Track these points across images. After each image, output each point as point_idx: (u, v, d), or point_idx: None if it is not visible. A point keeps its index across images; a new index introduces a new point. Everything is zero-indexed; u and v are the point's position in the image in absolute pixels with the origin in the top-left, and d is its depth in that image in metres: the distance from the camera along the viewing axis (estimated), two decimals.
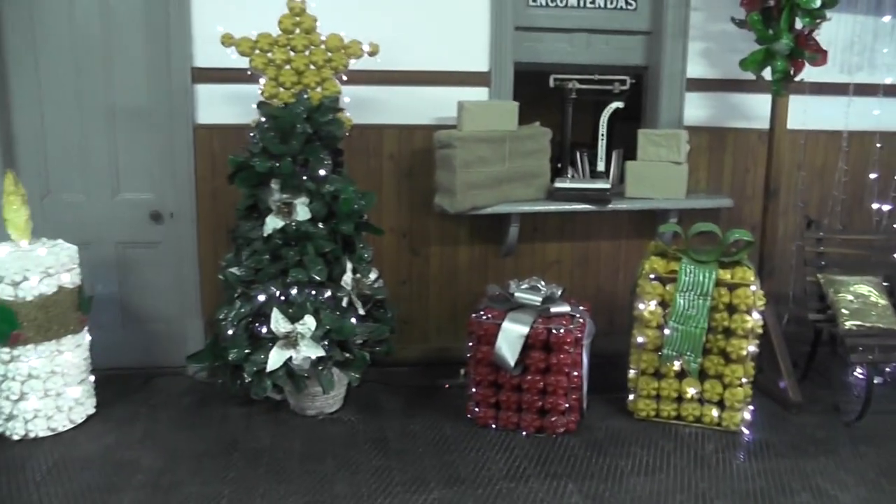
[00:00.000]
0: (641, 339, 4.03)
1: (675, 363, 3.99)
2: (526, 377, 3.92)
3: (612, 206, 4.54)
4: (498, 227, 4.71)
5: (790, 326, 4.78)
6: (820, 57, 4.26)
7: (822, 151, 5.10)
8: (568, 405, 3.91)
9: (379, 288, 4.20)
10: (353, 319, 4.00)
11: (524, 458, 3.73)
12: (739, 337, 3.91)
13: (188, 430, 4.02)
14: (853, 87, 4.94)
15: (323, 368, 3.91)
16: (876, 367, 4.29)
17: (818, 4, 4.12)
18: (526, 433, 3.95)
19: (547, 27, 4.76)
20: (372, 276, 4.17)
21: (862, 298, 4.28)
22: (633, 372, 4.12)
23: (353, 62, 4.14)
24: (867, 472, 3.65)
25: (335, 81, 4.13)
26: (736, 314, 3.90)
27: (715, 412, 4.01)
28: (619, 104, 4.66)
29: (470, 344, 4.04)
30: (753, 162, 5.00)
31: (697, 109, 4.89)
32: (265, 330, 3.90)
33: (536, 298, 4.03)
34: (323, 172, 3.92)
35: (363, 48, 4.12)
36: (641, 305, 4.02)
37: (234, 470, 3.61)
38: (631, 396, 4.14)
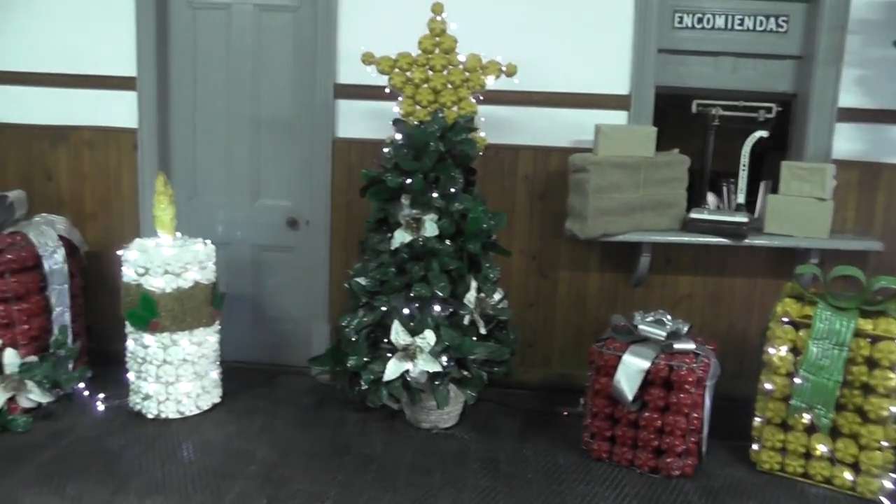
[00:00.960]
0: (769, 386, 3.85)
1: (804, 416, 3.77)
2: (644, 414, 3.84)
3: (748, 241, 4.38)
4: (629, 255, 4.64)
5: None
6: None
7: None
8: (685, 447, 3.80)
9: (503, 309, 4.24)
10: (473, 338, 4.06)
11: (634, 497, 3.66)
12: (880, 395, 3.63)
13: (304, 428, 4.22)
14: None
15: (439, 384, 3.99)
16: None
17: None
18: (640, 472, 3.87)
19: (691, 50, 4.64)
20: (496, 296, 4.22)
21: None
22: (758, 420, 3.95)
23: (490, 82, 4.22)
24: None
25: (472, 101, 4.23)
26: (877, 370, 3.63)
27: (848, 475, 3.73)
28: (763, 133, 4.46)
29: (590, 374, 4.02)
30: None
31: (848, 142, 4.60)
32: (385, 340, 4.03)
33: (661, 333, 3.96)
34: (453, 190, 4.02)
35: (501, 68, 4.19)
36: (772, 350, 3.85)
37: (343, 472, 3.76)
38: (755, 446, 3.97)
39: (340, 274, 4.67)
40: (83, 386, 4.48)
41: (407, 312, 4.03)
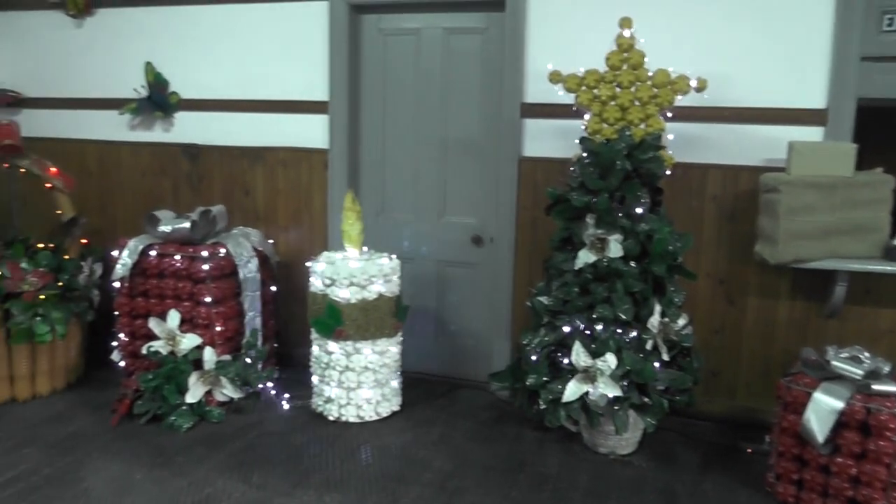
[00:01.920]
0: None
1: None
2: (836, 459, 3.55)
3: None
4: (822, 283, 4.38)
5: None
6: None
7: None
8: (886, 503, 3.50)
9: (687, 335, 4.15)
10: (655, 364, 4.00)
11: None
12: None
13: (481, 442, 4.32)
14: None
15: (619, 408, 3.97)
16: None
17: None
18: None
19: None
20: (681, 321, 4.14)
21: None
22: None
23: (679, 98, 4.15)
24: None
25: (659, 118, 4.18)
26: None
27: None
28: None
29: (777, 409, 3.83)
30: None
31: None
32: (566, 361, 4.05)
33: (857, 371, 3.67)
34: (639, 210, 3.99)
35: (690, 84, 4.10)
36: None
37: (517, 489, 3.81)
38: None
39: (523, 291, 4.76)
40: (270, 385, 4.86)
41: (589, 334, 4.04)
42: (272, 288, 5.18)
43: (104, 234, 5.66)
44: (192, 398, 4.53)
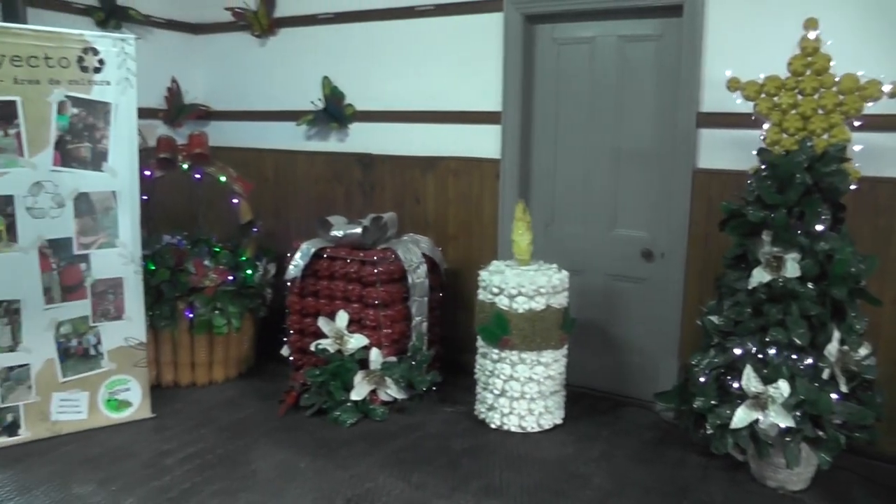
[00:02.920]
0: None
1: None
2: None
3: None
4: None
5: None
6: None
7: None
8: None
9: (869, 366, 3.88)
10: (832, 395, 3.77)
11: None
12: None
13: (643, 463, 4.26)
14: None
15: (790, 440, 3.78)
16: None
17: None
18: None
19: None
20: (862, 351, 3.88)
21: None
22: None
23: (868, 105, 3.86)
24: None
25: (845, 128, 3.91)
26: None
27: None
28: None
29: None
30: None
31: None
32: (736, 385, 3.91)
33: None
34: (819, 228, 3.81)
35: (882, 89, 3.80)
36: None
37: None
38: None
39: (693, 309, 4.62)
40: (434, 389, 5.03)
41: (761, 358, 3.88)
42: (440, 294, 5.36)
43: (278, 236, 6.09)
44: (356, 396, 4.77)
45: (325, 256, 5.09)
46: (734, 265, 4.09)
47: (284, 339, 5.36)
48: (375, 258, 4.91)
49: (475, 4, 5.24)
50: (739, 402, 3.87)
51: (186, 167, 5.41)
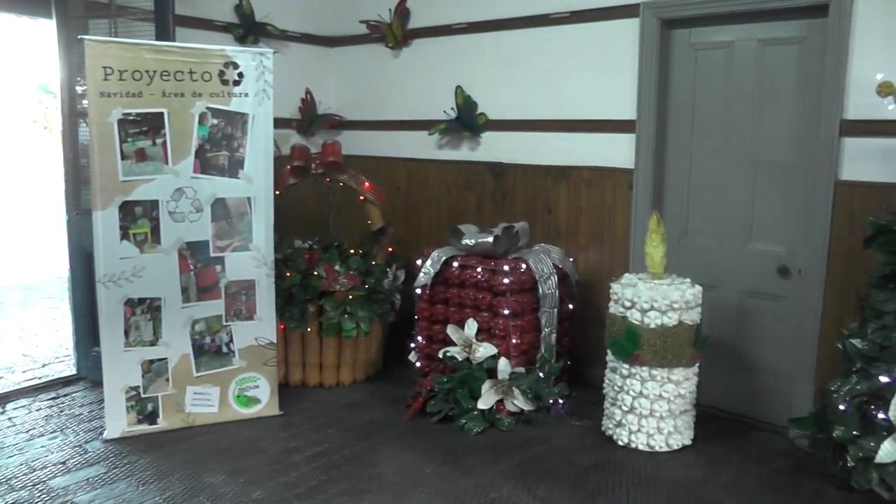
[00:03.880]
0: None
1: None
2: None
3: None
4: None
5: None
6: None
7: None
8: None
9: None
10: None
11: None
12: None
13: (776, 492, 4.09)
14: None
15: None
16: None
17: None
18: None
19: None
20: None
21: None
22: None
23: None
24: None
25: None
26: None
27: None
28: None
29: None
30: None
31: None
32: (881, 416, 3.73)
33: None
34: None
35: None
36: None
37: None
38: None
39: (832, 331, 4.43)
40: (561, 402, 5.01)
41: None
42: (570, 306, 5.34)
43: (409, 243, 6.20)
44: (483, 405, 4.83)
45: (455, 264, 5.17)
46: (881, 285, 3.92)
47: (412, 344, 5.49)
48: (506, 267, 4.96)
49: (611, 10, 5.20)
50: (885, 434, 3.70)
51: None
